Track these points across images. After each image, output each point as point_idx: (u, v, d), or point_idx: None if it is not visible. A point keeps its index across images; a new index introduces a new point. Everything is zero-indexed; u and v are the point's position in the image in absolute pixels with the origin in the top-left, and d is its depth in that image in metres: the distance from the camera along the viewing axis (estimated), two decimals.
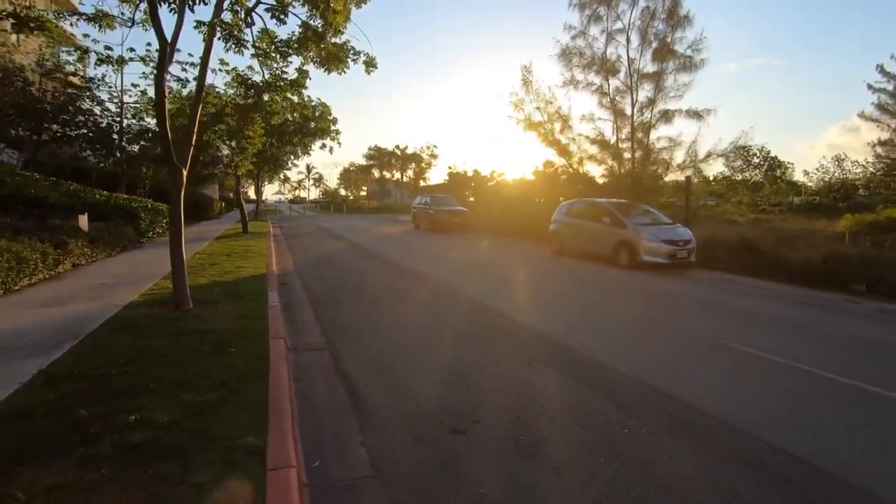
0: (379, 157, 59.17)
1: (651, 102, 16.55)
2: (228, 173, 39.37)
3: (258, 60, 7.04)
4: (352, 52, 6.60)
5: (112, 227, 11.08)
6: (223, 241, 14.30)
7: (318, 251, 13.50)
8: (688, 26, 15.83)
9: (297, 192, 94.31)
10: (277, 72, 7.21)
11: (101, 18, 5.81)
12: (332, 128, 16.79)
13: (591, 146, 17.68)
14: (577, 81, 17.39)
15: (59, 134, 13.51)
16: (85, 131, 15.22)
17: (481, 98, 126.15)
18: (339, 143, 17.59)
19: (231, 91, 10.03)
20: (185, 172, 5.84)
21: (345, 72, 6.69)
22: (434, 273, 9.93)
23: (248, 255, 11.16)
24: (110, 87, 16.19)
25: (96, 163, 17.55)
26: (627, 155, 17.23)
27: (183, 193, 5.86)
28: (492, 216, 20.75)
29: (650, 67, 16.52)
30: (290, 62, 7.16)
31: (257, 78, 7.76)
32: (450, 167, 35.44)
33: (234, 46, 5.89)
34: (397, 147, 53.61)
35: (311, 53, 6.64)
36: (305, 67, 7.00)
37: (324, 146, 23.02)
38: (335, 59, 6.60)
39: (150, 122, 17.84)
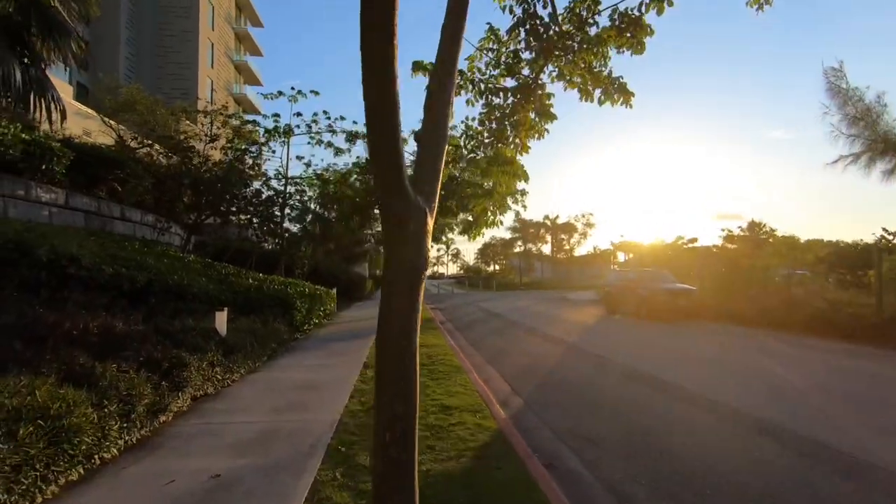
0: (523, 228, 55.84)
1: None
2: (377, 252, 39.23)
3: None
4: None
5: (259, 325, 8.10)
6: None
7: (522, 356, 9.17)
8: None
9: (435, 268, 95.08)
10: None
11: None
12: (520, 188, 13.15)
13: None
14: None
15: (222, 210, 11.71)
16: (252, 209, 13.55)
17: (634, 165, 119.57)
18: (524, 207, 13.82)
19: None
20: (430, 219, 1.95)
21: None
22: (767, 409, 4.82)
23: (438, 370, 7.21)
24: (274, 157, 14.94)
25: (258, 242, 16.08)
26: None
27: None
28: (717, 295, 14.82)
29: None
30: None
31: None
32: (620, 236, 29.99)
33: None
34: (547, 217, 49.87)
35: None
36: None
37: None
38: None
39: (311, 199, 16.19)
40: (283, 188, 14.84)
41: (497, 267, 66.73)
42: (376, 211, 15.33)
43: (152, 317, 7.02)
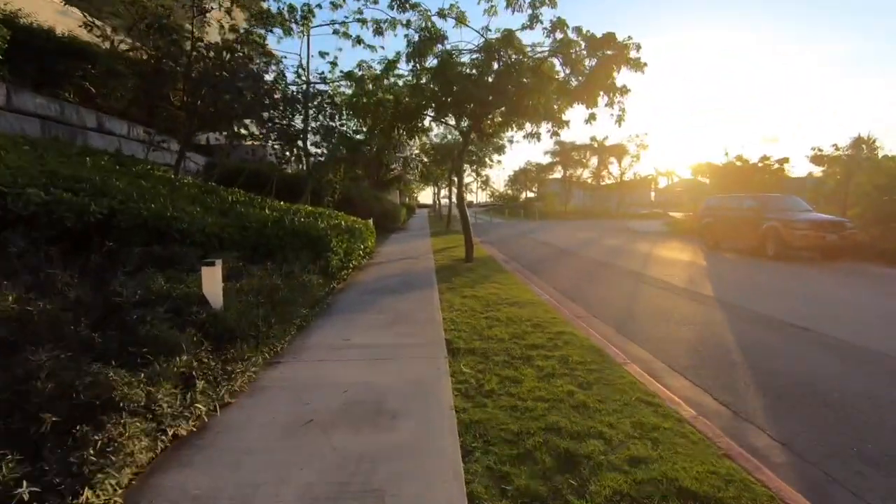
0: (563, 153, 50.90)
1: None
2: (408, 176, 35.64)
3: None
4: None
5: (280, 279, 5.29)
6: (458, 288, 7.96)
7: (665, 322, 6.25)
8: None
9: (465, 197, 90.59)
10: None
11: None
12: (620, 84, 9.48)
13: None
14: None
15: (225, 112, 8.55)
16: (266, 115, 10.37)
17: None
18: (623, 112, 10.16)
19: None
20: None
21: None
22: None
23: (573, 360, 4.30)
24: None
25: (278, 164, 13.09)
26: None
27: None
28: (871, 230, 11.31)
29: None
30: None
31: None
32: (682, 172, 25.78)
33: None
34: (594, 139, 44.69)
35: None
36: None
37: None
38: None
39: (338, 109, 12.82)
40: (303, 90, 11.47)
41: (532, 194, 62.76)
42: (426, 121, 11.96)
43: (102, 273, 4.24)
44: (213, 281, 3.90)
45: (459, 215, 11.80)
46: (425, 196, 76.90)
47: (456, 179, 14.89)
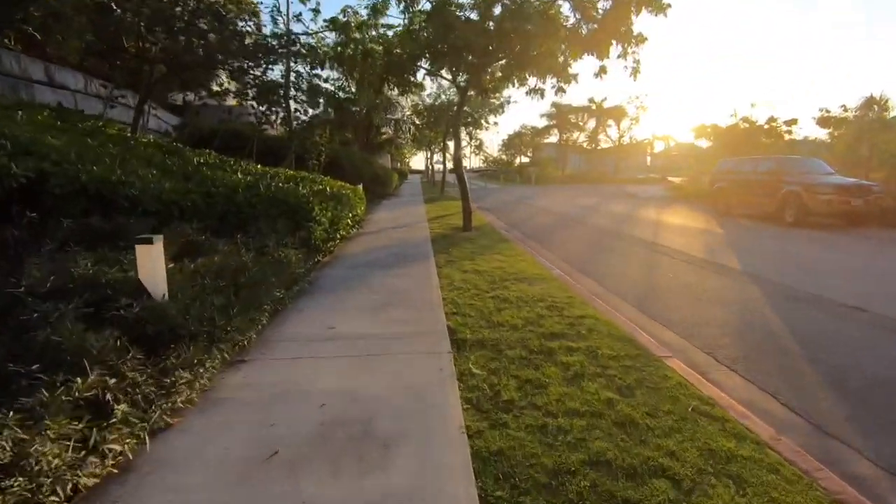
0: (560, 115, 49.27)
1: None
2: (399, 140, 34.10)
3: None
4: None
5: (249, 256, 4.43)
6: (458, 261, 7.17)
7: (699, 304, 5.53)
8: None
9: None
10: None
11: None
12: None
13: None
14: None
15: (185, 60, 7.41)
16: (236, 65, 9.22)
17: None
18: (637, 63, 9.08)
19: None
20: None
21: None
22: None
23: (608, 365, 3.54)
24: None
25: (258, 124, 11.99)
26: None
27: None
28: None
29: None
30: None
31: None
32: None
33: None
34: (592, 101, 43.02)
35: None
36: None
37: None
38: None
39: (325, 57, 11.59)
40: (281, 36, 10.22)
41: (526, 159, 61.22)
42: (419, 75, 10.84)
43: (21, 253, 3.37)
44: (151, 263, 3.04)
45: (457, 180, 10.86)
46: (417, 162, 75.01)
47: (452, 142, 13.83)
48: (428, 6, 9.06)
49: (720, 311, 4.98)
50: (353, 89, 20.89)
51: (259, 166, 8.37)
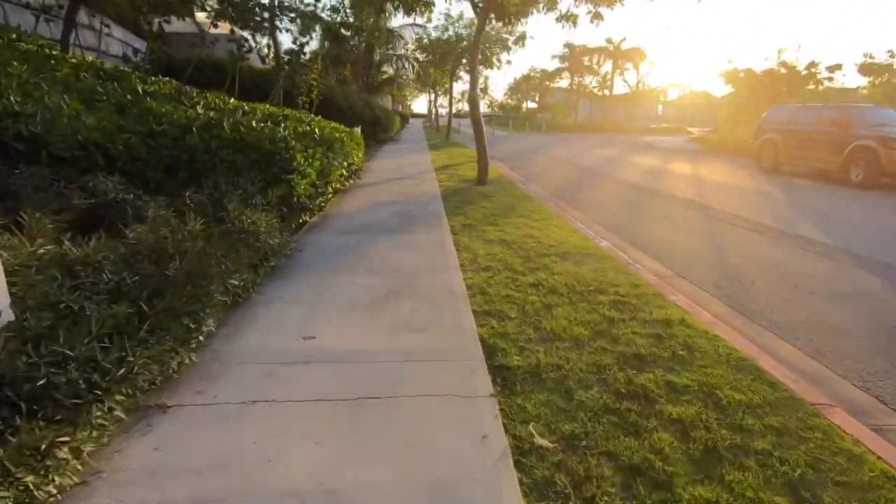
0: (573, 56, 45.90)
1: None
2: (402, 79, 31.46)
3: None
4: None
5: (196, 224, 3.04)
6: (478, 225, 5.81)
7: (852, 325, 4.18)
8: None
9: (459, 105, 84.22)
10: None
11: None
12: None
13: None
14: None
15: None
16: None
17: None
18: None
19: None
20: None
21: None
22: None
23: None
24: None
25: (239, 53, 10.23)
26: None
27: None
28: None
29: None
30: None
31: None
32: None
33: None
34: (609, 41, 39.72)
35: None
36: None
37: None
38: None
39: None
40: None
41: (533, 105, 58.07)
42: None
43: None
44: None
45: (472, 123, 9.27)
46: (419, 105, 71.45)
47: (469, 78, 11.90)
48: None
49: (840, 310, 3.69)
50: (351, 19, 18.63)
51: (232, 100, 6.79)
